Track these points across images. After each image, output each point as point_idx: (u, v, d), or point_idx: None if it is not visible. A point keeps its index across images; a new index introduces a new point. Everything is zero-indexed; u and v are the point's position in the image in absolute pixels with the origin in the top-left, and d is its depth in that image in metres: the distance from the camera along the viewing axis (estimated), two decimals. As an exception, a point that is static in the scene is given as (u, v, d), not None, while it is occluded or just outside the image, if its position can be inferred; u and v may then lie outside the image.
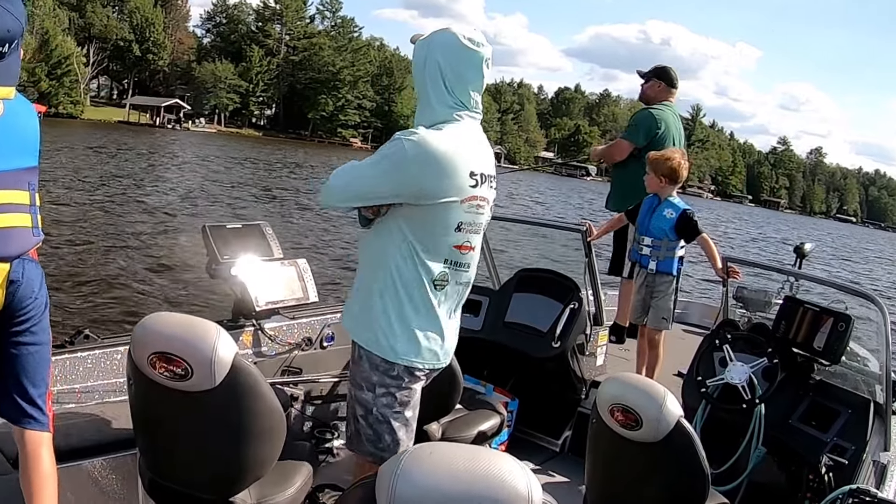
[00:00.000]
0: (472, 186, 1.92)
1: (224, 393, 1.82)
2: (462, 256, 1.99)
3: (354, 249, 13.22)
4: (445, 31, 1.97)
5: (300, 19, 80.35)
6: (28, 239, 1.81)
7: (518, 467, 1.06)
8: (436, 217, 1.91)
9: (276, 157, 40.28)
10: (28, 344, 1.82)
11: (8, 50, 1.74)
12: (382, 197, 1.92)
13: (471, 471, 1.04)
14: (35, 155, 1.86)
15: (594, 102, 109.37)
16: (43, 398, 1.87)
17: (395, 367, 1.97)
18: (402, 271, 1.95)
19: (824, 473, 2.76)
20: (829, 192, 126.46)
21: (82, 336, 2.64)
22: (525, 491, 1.03)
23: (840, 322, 3.03)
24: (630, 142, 4.32)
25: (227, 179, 23.56)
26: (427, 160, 1.86)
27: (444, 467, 1.05)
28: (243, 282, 2.96)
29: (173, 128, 61.65)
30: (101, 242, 10.88)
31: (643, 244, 3.61)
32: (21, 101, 1.86)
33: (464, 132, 1.95)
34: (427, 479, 1.03)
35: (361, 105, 78.61)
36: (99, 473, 2.31)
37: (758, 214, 77.09)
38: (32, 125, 1.87)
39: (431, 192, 1.88)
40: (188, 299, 8.17)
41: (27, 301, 1.81)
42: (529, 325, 3.54)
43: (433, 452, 1.09)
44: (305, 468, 2.23)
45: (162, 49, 69.78)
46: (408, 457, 1.07)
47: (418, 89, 2.01)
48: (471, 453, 1.09)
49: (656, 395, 2.02)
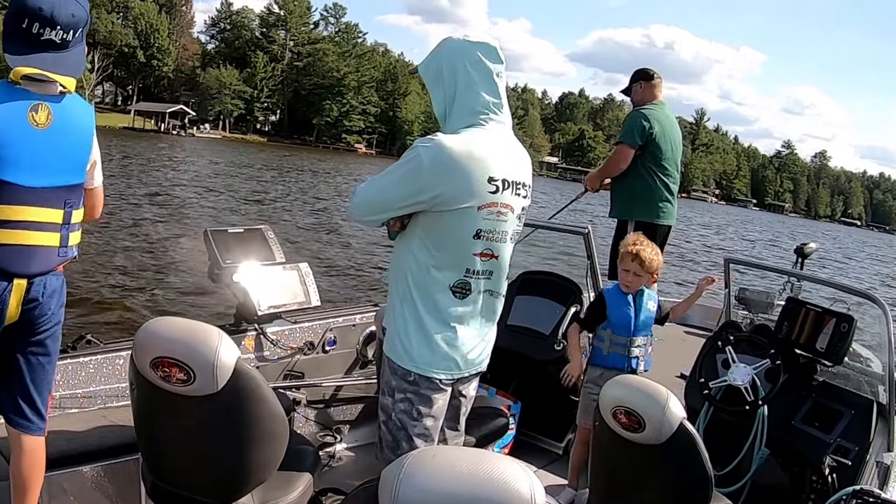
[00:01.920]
0: (491, 192, 1.87)
1: (226, 397, 1.83)
2: (483, 264, 1.94)
3: (356, 253, 13.25)
4: (454, 39, 1.97)
5: (304, 25, 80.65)
6: (52, 259, 1.77)
7: (521, 470, 1.06)
8: (453, 224, 1.87)
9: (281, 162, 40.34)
10: (40, 354, 1.83)
11: (72, 38, 1.69)
12: (403, 206, 1.90)
13: (474, 474, 1.04)
14: (81, 172, 1.78)
15: (598, 107, 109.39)
16: (45, 404, 1.88)
17: (412, 373, 1.96)
18: (419, 279, 1.93)
19: (828, 474, 2.75)
20: (834, 196, 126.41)
21: (85, 341, 2.65)
22: (528, 494, 1.03)
23: (843, 323, 3.03)
24: (627, 144, 4.25)
25: (231, 185, 23.60)
26: (442, 166, 1.83)
27: (448, 470, 1.05)
28: (245, 286, 2.97)
29: (178, 134, 61.81)
30: (103, 247, 10.89)
31: (635, 345, 2.95)
32: (78, 104, 1.77)
33: (486, 137, 1.90)
34: (430, 482, 1.03)
35: (366, 110, 78.80)
36: (101, 478, 2.31)
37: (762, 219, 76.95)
38: (85, 137, 1.78)
39: (449, 199, 1.84)
40: (190, 304, 8.18)
41: (44, 318, 1.79)
42: (532, 328, 3.54)
43: (436, 455, 1.09)
44: (308, 472, 2.23)
45: (166, 55, 69.93)
46: (411, 460, 1.07)
47: (437, 99, 1.99)
48: (474, 456, 1.09)
49: (659, 397, 2.02)
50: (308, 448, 2.37)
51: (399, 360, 1.96)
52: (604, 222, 4.21)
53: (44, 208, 1.72)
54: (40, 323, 1.79)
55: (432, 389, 1.97)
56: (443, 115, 1.97)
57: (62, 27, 1.67)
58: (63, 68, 1.70)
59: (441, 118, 1.98)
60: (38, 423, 1.87)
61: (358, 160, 62.59)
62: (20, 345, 1.78)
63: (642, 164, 4.19)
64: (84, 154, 1.79)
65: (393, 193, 1.90)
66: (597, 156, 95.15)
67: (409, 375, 1.96)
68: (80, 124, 1.78)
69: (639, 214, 4.23)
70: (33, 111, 1.67)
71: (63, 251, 1.79)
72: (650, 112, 4.23)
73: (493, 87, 1.94)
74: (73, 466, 2.23)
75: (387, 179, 1.92)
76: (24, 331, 1.77)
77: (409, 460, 1.07)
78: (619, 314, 2.94)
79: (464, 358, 2.00)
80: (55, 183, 1.73)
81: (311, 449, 2.38)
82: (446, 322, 1.94)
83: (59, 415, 2.44)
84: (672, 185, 4.29)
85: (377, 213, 1.95)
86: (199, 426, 1.90)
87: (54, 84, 1.70)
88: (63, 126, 1.72)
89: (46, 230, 1.74)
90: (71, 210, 1.78)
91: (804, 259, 3.87)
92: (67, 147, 1.74)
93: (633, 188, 4.22)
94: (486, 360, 2.11)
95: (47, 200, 1.72)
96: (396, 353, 1.97)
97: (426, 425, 1.98)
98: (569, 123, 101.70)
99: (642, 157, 4.18)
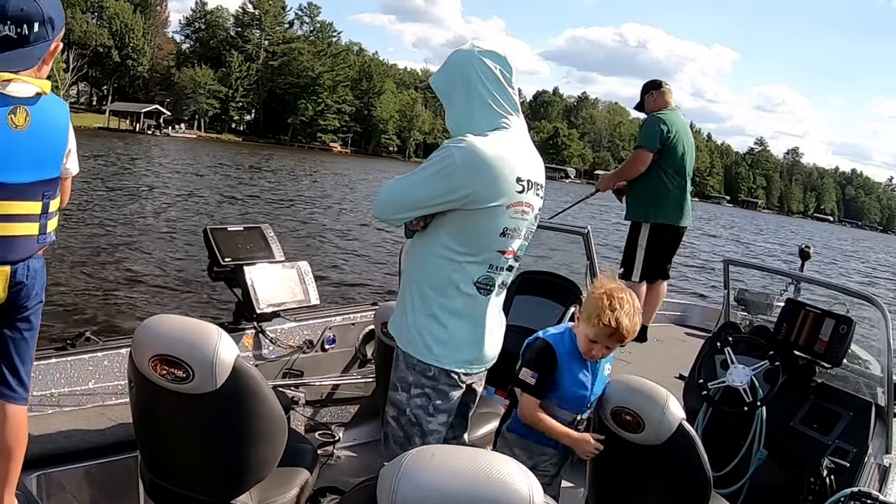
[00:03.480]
0: (518, 192, 1.92)
1: (225, 395, 1.83)
2: (506, 261, 1.99)
3: (355, 252, 13.26)
4: (463, 49, 2.03)
5: (279, 24, 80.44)
6: (32, 245, 1.88)
7: (519, 469, 1.07)
8: (482, 222, 1.91)
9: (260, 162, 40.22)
10: (24, 330, 1.93)
11: (31, 33, 1.78)
12: (434, 205, 1.92)
13: (473, 473, 1.04)
14: (58, 166, 1.90)
15: (572, 105, 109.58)
16: (28, 375, 1.98)
17: (432, 368, 1.97)
18: (442, 276, 1.95)
19: (826, 476, 2.76)
20: (807, 192, 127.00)
21: (84, 338, 2.64)
22: (526, 493, 1.03)
23: (841, 324, 3.03)
24: (647, 149, 4.33)
25: (216, 184, 23.65)
26: (475, 166, 1.87)
27: (447, 469, 1.05)
28: (244, 284, 2.96)
29: (153, 133, 61.36)
30: (101, 247, 10.90)
31: (580, 424, 2.23)
32: (54, 104, 1.87)
33: (512, 139, 1.96)
34: (429, 481, 1.03)
35: (341, 110, 78.72)
36: (100, 475, 2.31)
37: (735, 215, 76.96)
38: (60, 135, 1.89)
39: (480, 198, 1.88)
40: (189, 302, 8.18)
41: (29, 298, 1.89)
42: (531, 328, 3.53)
43: (435, 454, 1.09)
44: (306, 471, 2.23)
45: (141, 55, 69.65)
46: (409, 459, 1.07)
47: (451, 109, 2.02)
48: (473, 455, 1.09)
49: (658, 397, 2.02)
50: (307, 446, 2.37)
51: (419, 354, 1.97)
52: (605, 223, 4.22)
53: (23, 202, 1.83)
54: (25, 303, 1.90)
55: (451, 385, 1.99)
56: (458, 123, 2.00)
57: (12, 21, 1.76)
58: (27, 62, 1.81)
59: (456, 127, 2.00)
60: (21, 392, 1.96)
61: (334, 159, 62.51)
62: (6, 322, 1.90)
63: (660, 167, 4.32)
64: (60, 150, 1.90)
65: (424, 191, 1.92)
66: (571, 153, 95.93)
67: (428, 370, 1.97)
68: (57, 122, 1.89)
69: (655, 217, 4.37)
70: (12, 114, 1.78)
71: (42, 238, 1.90)
72: (667, 116, 4.36)
73: (505, 92, 1.99)
74: (71, 464, 2.24)
75: (416, 178, 1.95)
76: (10, 311, 1.88)
77: (407, 459, 1.07)
78: (572, 384, 2.17)
79: (481, 352, 2.03)
80: (34, 178, 1.83)
81: (310, 447, 2.38)
82: (468, 317, 1.97)
83: (58, 412, 2.44)
84: (687, 188, 4.41)
85: (406, 212, 1.97)
86: (197, 424, 1.90)
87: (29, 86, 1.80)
88: (41, 126, 1.83)
89: (26, 221, 1.85)
90: (48, 201, 1.90)
91: (806, 260, 3.88)
92: (45, 145, 1.85)
93: (651, 191, 4.34)
94: (496, 355, 2.12)
95: (26, 194, 1.83)
96: (416, 348, 1.98)
97: (440, 421, 2.00)
98: (543, 122, 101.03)
99: (660, 160, 4.31)
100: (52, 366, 2.48)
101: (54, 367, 2.49)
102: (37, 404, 2.40)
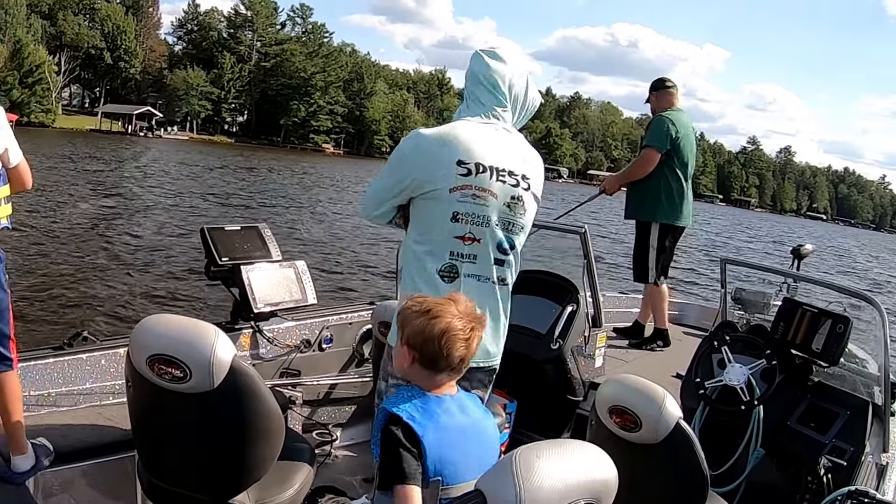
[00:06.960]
0: (461, 175, 1.94)
1: (222, 395, 1.82)
2: (466, 248, 1.98)
3: (352, 251, 13.25)
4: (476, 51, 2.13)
5: (271, 26, 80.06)
6: None
7: (593, 446, 1.35)
8: (432, 207, 1.97)
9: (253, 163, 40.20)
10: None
11: None
12: (394, 196, 2.04)
13: (577, 460, 1.28)
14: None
15: (565, 105, 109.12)
16: (7, 344, 2.07)
17: None
18: (417, 267, 2.01)
19: (823, 475, 2.76)
20: (799, 190, 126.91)
21: (81, 338, 2.64)
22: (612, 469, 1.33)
23: (838, 324, 3.03)
24: (655, 149, 4.32)
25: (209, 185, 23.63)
26: (415, 152, 1.99)
27: (557, 464, 1.24)
28: (241, 283, 2.96)
29: (145, 135, 61.19)
30: (96, 247, 10.88)
31: None
32: None
33: (467, 127, 2.00)
34: (553, 482, 1.20)
35: (333, 110, 78.39)
36: (97, 475, 2.30)
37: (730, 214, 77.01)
38: None
39: (421, 183, 1.96)
40: (186, 301, 8.17)
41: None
42: (528, 327, 3.53)
43: (538, 454, 1.24)
44: (304, 470, 2.22)
45: (133, 57, 69.44)
46: (518, 466, 1.19)
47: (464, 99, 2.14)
48: (562, 446, 1.31)
49: (655, 396, 2.02)
50: (304, 446, 2.36)
51: None
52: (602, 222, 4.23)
53: None
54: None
55: None
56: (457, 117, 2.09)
57: None
58: None
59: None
60: (7, 363, 2.08)
61: (327, 160, 62.32)
62: None
63: (666, 167, 4.32)
64: None
65: (383, 184, 2.05)
66: (564, 153, 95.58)
67: None
68: None
69: (662, 216, 4.36)
70: None
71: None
72: (674, 116, 4.37)
73: (494, 86, 2.05)
74: (68, 463, 2.23)
75: (381, 174, 2.08)
76: None
77: (515, 466, 1.19)
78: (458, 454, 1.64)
79: None
80: None
81: (307, 447, 2.38)
82: None
83: (55, 411, 2.43)
84: (689, 188, 4.45)
85: (378, 207, 2.09)
86: (195, 423, 1.89)
87: None
88: None
89: None
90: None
91: (801, 260, 3.88)
92: None
93: (657, 191, 4.34)
94: (491, 356, 2.10)
95: None
96: None
97: None
98: (535, 121, 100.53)
99: (667, 160, 4.32)
100: (49, 365, 2.48)
101: (51, 367, 2.48)
102: (34, 404, 2.39)
